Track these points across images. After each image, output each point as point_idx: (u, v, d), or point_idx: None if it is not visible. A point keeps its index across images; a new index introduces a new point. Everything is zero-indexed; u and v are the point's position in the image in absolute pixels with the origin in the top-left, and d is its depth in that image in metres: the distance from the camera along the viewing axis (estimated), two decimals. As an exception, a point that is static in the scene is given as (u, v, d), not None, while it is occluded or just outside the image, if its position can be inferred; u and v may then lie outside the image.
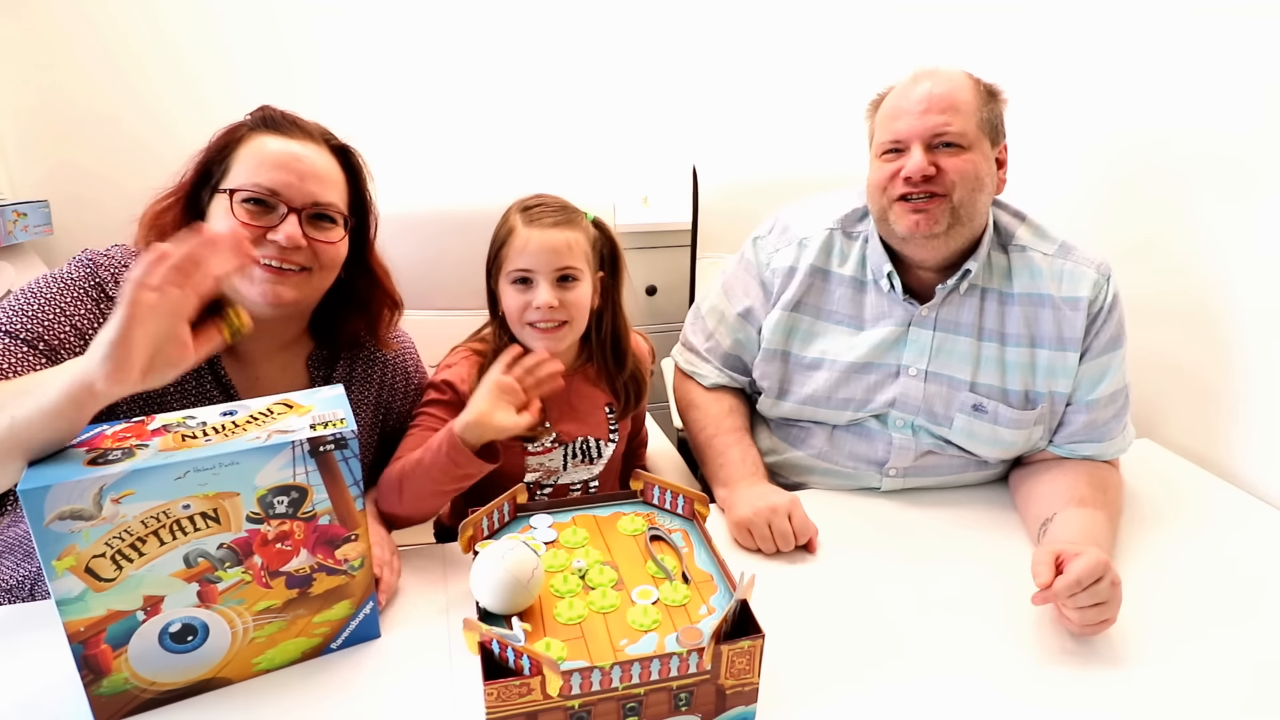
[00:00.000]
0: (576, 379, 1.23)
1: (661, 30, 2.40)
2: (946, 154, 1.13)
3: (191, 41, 2.05)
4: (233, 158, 0.98)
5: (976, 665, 0.92)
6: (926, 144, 1.13)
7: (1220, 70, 1.38)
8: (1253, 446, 1.37)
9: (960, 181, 1.12)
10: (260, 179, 0.96)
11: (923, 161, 1.12)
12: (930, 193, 1.13)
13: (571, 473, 1.23)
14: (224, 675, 0.84)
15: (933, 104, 1.13)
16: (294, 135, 1.01)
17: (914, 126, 1.13)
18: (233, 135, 1.00)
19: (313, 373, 1.12)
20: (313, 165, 0.99)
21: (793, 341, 1.29)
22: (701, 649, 0.75)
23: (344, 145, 1.06)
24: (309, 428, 0.80)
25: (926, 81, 1.15)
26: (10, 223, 1.83)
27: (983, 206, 1.16)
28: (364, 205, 1.09)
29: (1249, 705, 0.88)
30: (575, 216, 1.15)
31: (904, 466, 1.26)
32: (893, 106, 1.18)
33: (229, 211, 0.95)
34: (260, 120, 1.01)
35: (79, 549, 0.72)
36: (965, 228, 1.16)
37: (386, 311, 1.14)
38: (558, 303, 1.11)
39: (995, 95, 1.18)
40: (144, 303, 0.70)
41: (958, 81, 1.15)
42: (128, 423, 0.80)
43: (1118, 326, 1.21)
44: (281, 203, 0.97)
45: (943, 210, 1.13)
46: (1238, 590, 1.07)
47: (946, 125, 1.12)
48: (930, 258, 1.19)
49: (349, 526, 0.84)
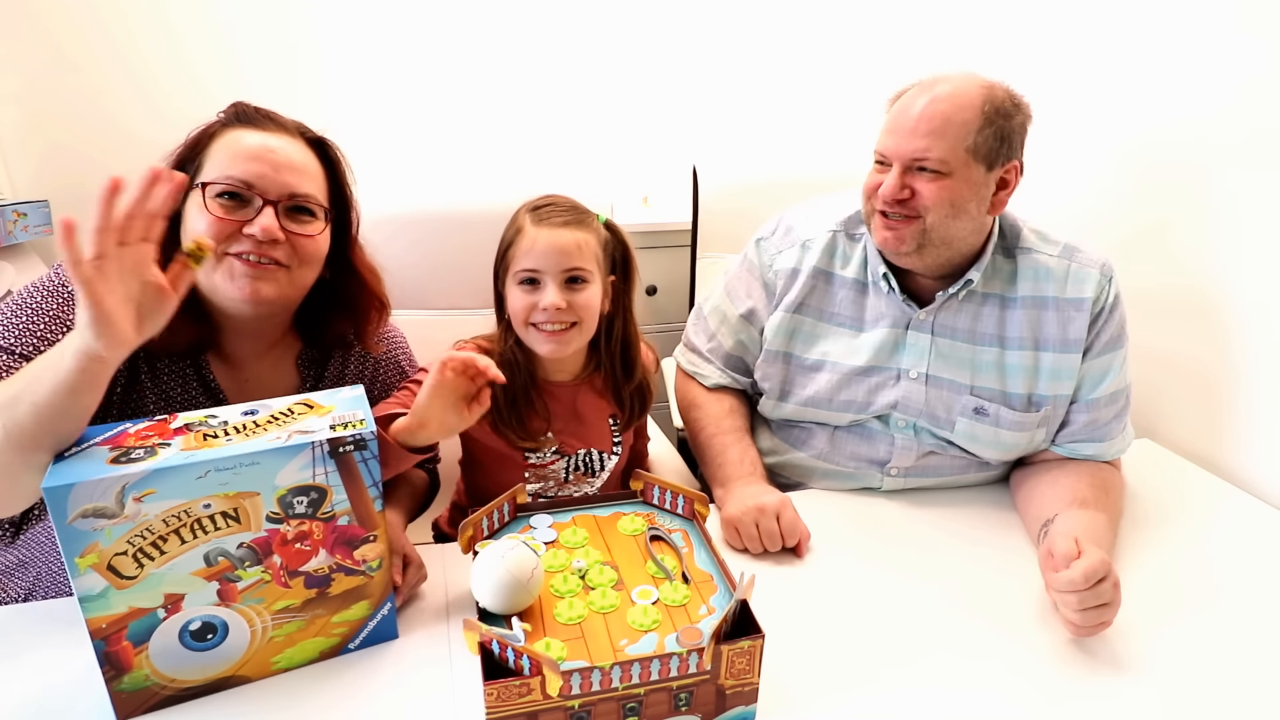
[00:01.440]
0: (583, 389, 1.20)
1: (662, 30, 2.40)
2: (923, 179, 1.12)
3: (194, 41, 2.04)
4: (206, 154, 0.96)
5: (977, 665, 0.93)
6: (905, 166, 1.12)
7: (1222, 66, 1.37)
8: (1256, 447, 1.37)
9: (933, 207, 1.12)
10: (234, 171, 0.94)
11: (895, 185, 1.12)
12: (902, 214, 1.14)
13: (571, 486, 1.22)
14: (243, 673, 0.85)
15: (919, 126, 1.10)
16: (267, 128, 0.98)
17: (897, 146, 1.13)
18: (205, 133, 0.97)
19: (303, 372, 1.10)
20: (288, 156, 0.97)
21: (795, 343, 1.29)
22: (701, 649, 0.75)
23: (320, 137, 1.04)
24: (329, 428, 0.80)
25: (923, 96, 1.12)
26: (10, 223, 1.84)
27: (961, 231, 1.15)
28: (344, 199, 1.06)
29: (1250, 706, 0.89)
30: (586, 217, 1.12)
31: (906, 466, 1.27)
32: (892, 115, 1.16)
33: (203, 207, 0.93)
34: (234, 115, 0.99)
35: (101, 546, 0.73)
36: (940, 249, 1.16)
37: (374, 313, 1.11)
38: (565, 304, 1.07)
39: (1009, 114, 1.12)
40: (90, 277, 0.72)
41: (961, 100, 1.10)
42: (150, 421, 0.81)
43: (1119, 326, 1.21)
44: (256, 195, 0.94)
45: (913, 232, 1.14)
46: (1239, 591, 1.07)
47: (926, 152, 1.10)
48: (912, 268, 1.20)
49: (368, 527, 0.85)
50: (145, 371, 0.99)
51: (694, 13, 2.41)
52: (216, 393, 1.02)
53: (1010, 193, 1.16)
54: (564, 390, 1.19)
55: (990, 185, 1.14)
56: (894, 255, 1.18)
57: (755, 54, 2.49)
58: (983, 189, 1.13)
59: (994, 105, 1.11)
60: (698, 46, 2.44)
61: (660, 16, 2.39)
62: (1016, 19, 1.80)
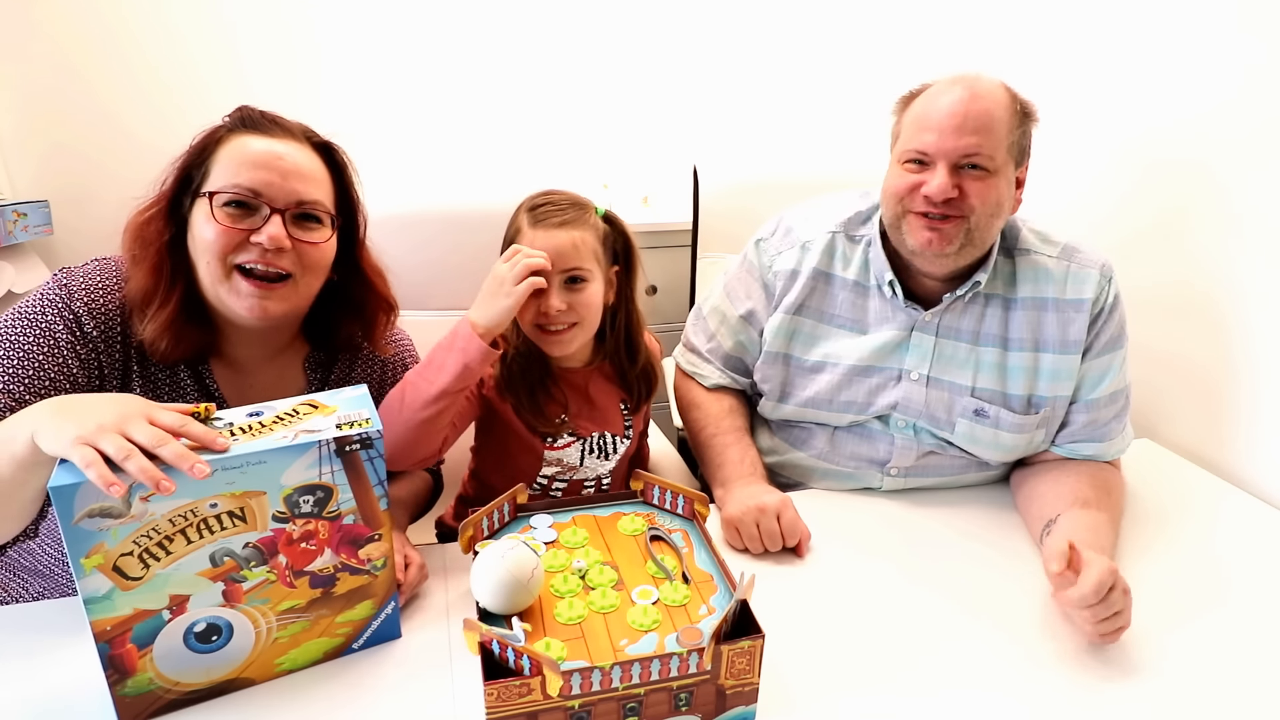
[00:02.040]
0: (594, 375, 1.22)
1: (663, 30, 2.40)
2: (972, 176, 1.10)
3: (194, 40, 2.04)
4: (212, 160, 0.95)
5: (977, 665, 0.93)
6: (953, 164, 1.10)
7: (1222, 65, 1.38)
8: (1256, 447, 1.37)
9: (981, 207, 1.10)
10: (241, 179, 0.93)
11: (946, 183, 1.09)
12: (946, 214, 1.11)
13: (587, 468, 1.23)
14: (247, 675, 0.85)
15: (968, 121, 1.08)
16: (274, 134, 0.98)
17: (943, 145, 1.09)
18: (211, 138, 0.97)
19: (310, 375, 1.10)
20: (295, 163, 0.96)
21: (794, 345, 1.29)
22: (701, 649, 0.75)
23: (327, 142, 1.03)
24: (335, 427, 0.81)
25: (964, 92, 1.09)
26: (10, 223, 1.83)
27: (997, 229, 1.16)
28: (351, 204, 1.06)
29: (1251, 706, 0.89)
30: (583, 214, 1.12)
31: (905, 466, 1.27)
32: (923, 113, 1.13)
33: (210, 216, 0.93)
34: (239, 120, 0.98)
35: (107, 547, 0.73)
36: (976, 249, 1.15)
37: (381, 315, 1.11)
38: (566, 306, 1.09)
39: (1029, 115, 1.13)
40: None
41: (996, 98, 1.10)
42: None
43: (1119, 326, 1.21)
44: (264, 203, 0.94)
45: (958, 231, 1.11)
46: (1240, 591, 1.08)
47: (979, 148, 1.08)
48: (938, 271, 1.19)
49: (373, 526, 0.85)
50: (138, 380, 0.99)
51: (695, 13, 2.41)
52: (218, 399, 1.02)
53: (1023, 191, 1.17)
54: (577, 376, 1.21)
55: (1014, 185, 1.15)
56: (935, 256, 1.14)
57: (756, 54, 2.49)
58: (1013, 188, 1.14)
59: (1021, 105, 1.12)
60: (699, 47, 2.44)
61: (661, 17, 2.39)
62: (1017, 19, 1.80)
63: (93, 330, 0.95)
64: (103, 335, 0.96)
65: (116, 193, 0.91)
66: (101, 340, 0.96)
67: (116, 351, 0.97)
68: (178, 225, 0.97)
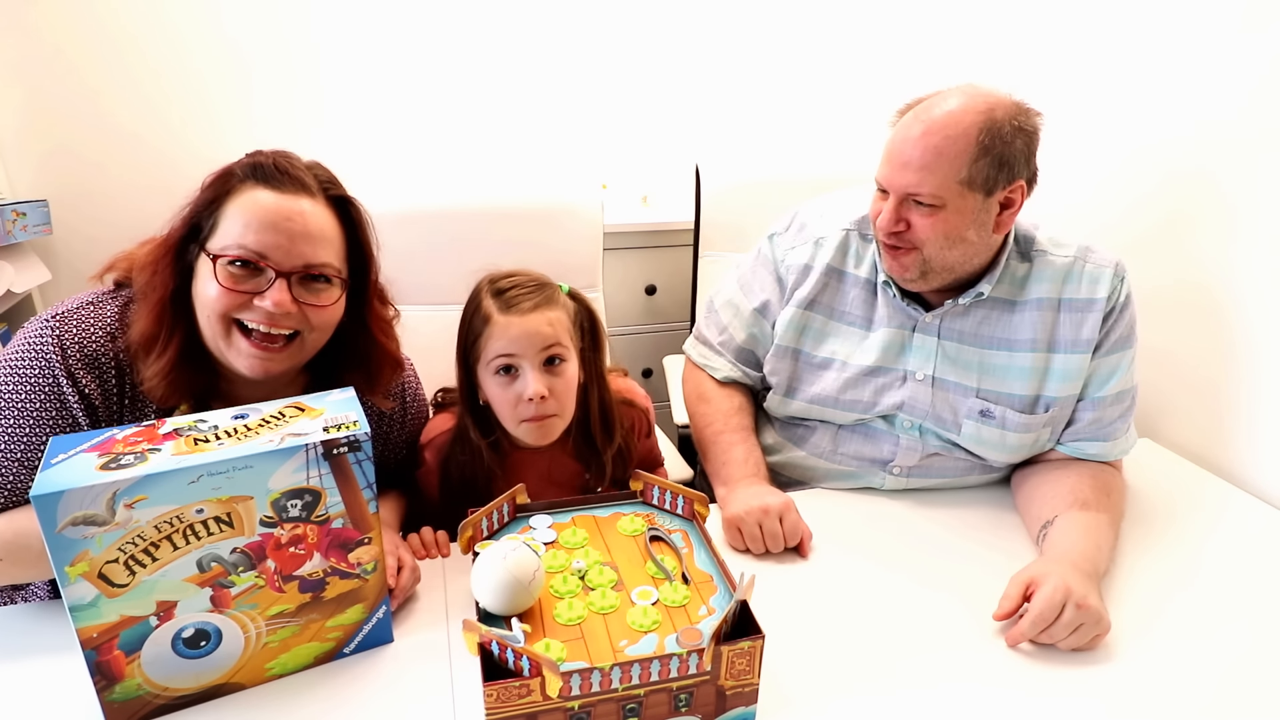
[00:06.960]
0: (556, 454, 1.19)
1: (664, 29, 2.40)
2: (918, 212, 1.11)
3: (193, 40, 2.04)
4: (221, 212, 0.92)
5: (978, 666, 0.93)
6: (900, 198, 1.12)
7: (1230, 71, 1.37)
8: (1257, 448, 1.37)
9: (928, 240, 1.12)
10: (247, 240, 0.90)
11: (890, 217, 1.12)
12: (900, 244, 1.14)
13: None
14: (236, 680, 0.84)
15: (912, 160, 1.09)
16: (287, 188, 0.93)
17: (892, 180, 1.12)
18: (222, 188, 0.93)
19: None
20: (305, 224, 0.93)
21: (804, 339, 1.29)
22: (701, 650, 0.75)
23: (344, 195, 1.00)
24: (322, 430, 0.80)
25: (918, 129, 1.09)
26: (10, 222, 1.83)
27: (961, 258, 1.14)
28: (363, 258, 1.02)
29: (1251, 706, 0.88)
30: (552, 293, 1.11)
31: (909, 466, 1.27)
32: (888, 143, 1.15)
33: (213, 275, 0.90)
34: (251, 170, 0.94)
35: (92, 555, 0.72)
36: (943, 274, 1.16)
37: (386, 370, 1.09)
38: (548, 391, 1.07)
39: (1008, 139, 1.07)
40: None
41: (954, 130, 1.07)
42: (138, 426, 0.79)
43: (1129, 325, 1.20)
44: (270, 266, 0.91)
45: (913, 261, 1.15)
46: (1240, 592, 1.07)
47: (918, 186, 1.09)
48: (918, 289, 1.20)
49: (362, 530, 0.85)
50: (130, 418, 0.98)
51: (696, 12, 2.41)
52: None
53: (1017, 210, 1.14)
54: (539, 456, 1.18)
55: (992, 210, 1.11)
56: (901, 281, 1.19)
57: (758, 53, 2.49)
58: (982, 215, 1.11)
59: (992, 132, 1.06)
60: (700, 46, 2.44)
61: (662, 16, 2.39)
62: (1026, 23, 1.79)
63: (89, 385, 0.93)
64: (100, 387, 0.95)
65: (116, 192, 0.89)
66: (99, 394, 0.95)
67: (114, 400, 0.96)
68: (181, 274, 0.94)
